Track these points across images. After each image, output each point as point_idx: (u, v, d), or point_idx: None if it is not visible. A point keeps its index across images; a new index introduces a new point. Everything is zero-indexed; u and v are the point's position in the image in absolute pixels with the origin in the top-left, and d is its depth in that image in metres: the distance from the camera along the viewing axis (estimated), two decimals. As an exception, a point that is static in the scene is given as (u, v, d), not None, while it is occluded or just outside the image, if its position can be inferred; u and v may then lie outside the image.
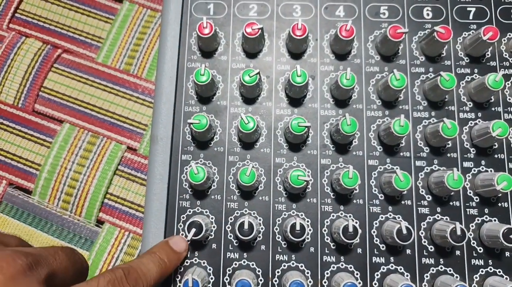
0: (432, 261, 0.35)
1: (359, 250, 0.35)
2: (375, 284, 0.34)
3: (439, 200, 0.36)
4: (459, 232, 0.32)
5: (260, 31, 0.36)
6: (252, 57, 0.39)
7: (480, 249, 0.35)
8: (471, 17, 0.39)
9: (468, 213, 0.36)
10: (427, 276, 0.34)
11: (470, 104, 0.37)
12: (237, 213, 0.36)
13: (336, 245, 0.35)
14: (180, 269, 0.35)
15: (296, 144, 0.37)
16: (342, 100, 0.37)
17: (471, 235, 0.35)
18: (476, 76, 0.38)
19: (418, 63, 0.38)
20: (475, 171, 0.36)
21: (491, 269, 0.34)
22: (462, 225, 0.34)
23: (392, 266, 0.35)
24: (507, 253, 0.35)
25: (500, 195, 0.35)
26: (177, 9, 0.40)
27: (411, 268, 0.35)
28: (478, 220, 0.35)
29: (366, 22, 0.39)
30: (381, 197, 0.36)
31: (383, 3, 0.39)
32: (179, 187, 0.36)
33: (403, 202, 0.36)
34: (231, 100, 0.38)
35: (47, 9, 0.52)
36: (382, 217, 0.35)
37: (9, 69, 0.49)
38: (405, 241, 0.32)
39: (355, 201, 0.36)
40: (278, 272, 0.35)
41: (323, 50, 0.39)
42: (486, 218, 0.35)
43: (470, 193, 0.36)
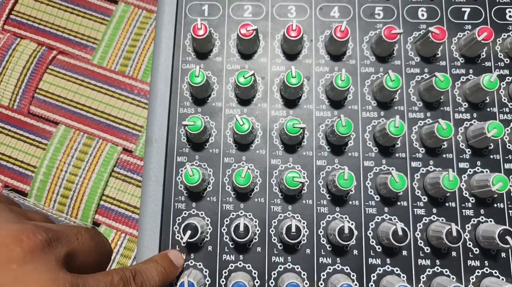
0: (428, 262, 0.35)
1: (355, 252, 0.35)
2: (372, 285, 0.34)
3: (435, 201, 0.36)
4: (455, 233, 0.32)
5: (255, 32, 0.36)
6: (247, 58, 0.39)
7: (476, 250, 0.35)
8: (466, 17, 0.39)
9: (464, 214, 0.36)
10: (423, 277, 0.34)
11: (465, 105, 0.37)
12: (232, 214, 0.36)
13: (332, 247, 0.35)
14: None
15: (292, 145, 0.37)
16: (337, 101, 0.37)
17: (467, 236, 0.35)
18: (471, 76, 0.38)
19: (413, 64, 0.38)
20: (470, 171, 0.36)
21: (487, 270, 0.34)
22: (458, 226, 0.35)
23: (389, 268, 0.35)
24: (503, 254, 0.35)
25: (496, 195, 0.35)
26: (172, 10, 0.39)
27: (407, 269, 0.35)
28: (474, 220, 0.35)
29: (361, 23, 0.39)
30: (377, 198, 0.36)
31: (378, 3, 0.39)
32: (174, 189, 0.36)
33: (399, 203, 0.36)
34: (226, 102, 0.38)
35: (42, 11, 0.51)
36: (378, 218, 0.35)
37: (4, 71, 0.49)
38: (401, 243, 0.32)
39: (351, 202, 0.36)
40: (274, 274, 0.35)
41: (318, 51, 0.39)
42: (482, 218, 0.35)
43: (466, 193, 0.36)
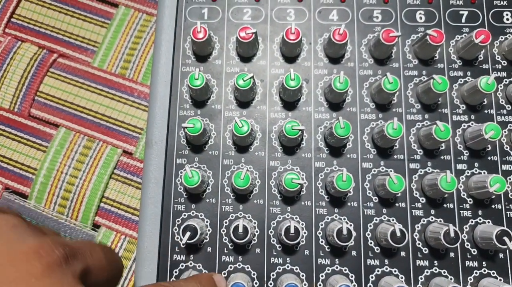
0: (427, 263, 0.35)
1: (354, 253, 0.35)
2: (370, 286, 0.34)
3: (433, 202, 0.36)
4: (452, 234, 0.32)
5: (254, 35, 0.36)
6: (246, 61, 0.39)
7: (474, 251, 0.35)
8: (463, 20, 0.39)
9: (462, 215, 0.36)
10: (421, 278, 0.35)
11: (463, 107, 0.38)
12: (232, 216, 0.36)
13: (330, 248, 0.35)
14: (176, 273, 0.35)
15: (291, 147, 0.37)
16: (336, 103, 0.38)
17: (465, 237, 0.35)
18: (468, 79, 0.38)
19: (411, 67, 0.39)
20: (468, 173, 0.36)
21: (485, 271, 0.35)
22: (456, 227, 0.35)
23: (387, 268, 0.35)
24: (501, 255, 0.35)
25: (494, 196, 0.36)
26: (172, 13, 0.40)
27: (405, 270, 0.35)
28: (472, 222, 0.35)
29: (359, 26, 0.39)
30: (375, 199, 0.36)
31: (376, 7, 0.40)
32: (174, 190, 0.36)
33: (397, 204, 0.36)
34: (226, 104, 0.38)
35: (43, 14, 0.52)
36: (377, 220, 0.36)
37: (5, 73, 0.50)
38: (399, 243, 0.32)
39: (349, 204, 0.36)
40: (273, 275, 0.35)
41: (316, 54, 0.39)
42: (480, 219, 0.35)
43: (464, 195, 0.36)
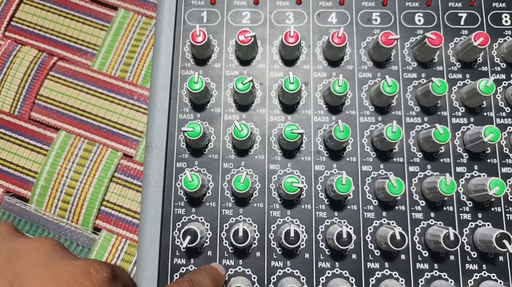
0: (427, 266, 0.35)
1: (354, 256, 0.35)
2: (370, 289, 0.34)
3: (432, 205, 0.36)
4: (452, 237, 0.32)
5: (253, 38, 0.37)
6: (245, 65, 0.39)
7: (474, 254, 0.35)
8: (462, 23, 0.39)
9: (461, 218, 0.36)
10: (421, 281, 0.35)
11: (462, 109, 0.38)
12: (232, 219, 0.36)
13: (331, 251, 0.35)
14: (176, 276, 0.35)
15: (290, 150, 0.37)
16: (335, 106, 0.38)
17: (464, 240, 0.35)
18: (468, 81, 0.38)
19: (410, 69, 0.39)
20: (468, 176, 0.36)
21: (485, 274, 0.35)
22: (456, 230, 0.35)
23: (387, 272, 0.35)
24: (501, 258, 0.35)
25: (493, 199, 0.36)
26: (171, 17, 0.40)
27: (405, 273, 0.35)
28: (472, 224, 0.35)
29: (358, 29, 0.39)
30: (375, 202, 0.36)
31: (375, 9, 0.40)
32: (174, 194, 0.36)
33: (397, 207, 0.36)
34: (225, 108, 0.38)
35: (42, 17, 0.52)
36: (376, 223, 0.36)
37: (5, 77, 0.50)
38: (399, 247, 0.32)
39: (349, 207, 0.36)
40: (274, 279, 0.35)
41: (315, 57, 0.39)
42: (480, 222, 0.35)
43: (463, 198, 0.36)
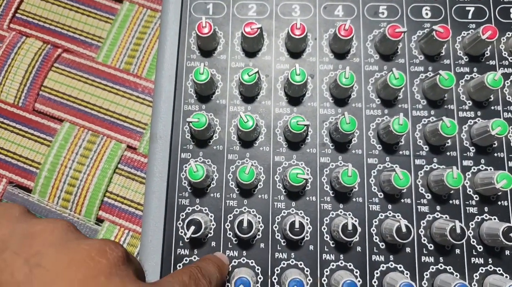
0: (432, 259, 0.35)
1: (359, 248, 0.35)
2: (375, 282, 0.34)
3: (438, 198, 0.36)
4: (458, 230, 0.32)
5: (259, 30, 0.36)
6: (251, 56, 0.39)
7: (480, 248, 0.35)
8: (470, 16, 0.39)
9: (468, 211, 0.36)
10: (426, 275, 0.34)
11: (469, 103, 0.37)
12: (236, 211, 0.36)
13: (335, 243, 0.35)
14: (180, 267, 0.35)
15: (296, 142, 0.37)
16: (341, 99, 0.38)
17: (471, 233, 0.35)
18: (475, 75, 0.38)
19: (417, 62, 0.38)
20: (474, 169, 0.36)
21: (491, 268, 0.34)
22: (462, 224, 0.35)
23: (392, 265, 0.35)
24: (507, 252, 0.35)
25: (500, 193, 0.35)
26: (177, 9, 0.40)
27: (410, 266, 0.35)
28: (478, 218, 0.35)
29: (365, 22, 0.39)
30: (381, 195, 0.36)
31: (382, 2, 0.39)
32: (178, 185, 0.36)
33: (402, 200, 0.36)
34: (230, 99, 0.38)
35: (47, 9, 0.52)
36: (382, 215, 0.35)
37: (9, 68, 0.50)
38: (404, 239, 0.32)
39: (354, 199, 0.36)
40: (278, 270, 0.35)
41: (322, 50, 0.39)
42: (486, 216, 0.35)
43: (470, 191, 0.36)
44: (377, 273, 0.34)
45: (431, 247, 0.35)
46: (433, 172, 0.36)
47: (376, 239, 0.35)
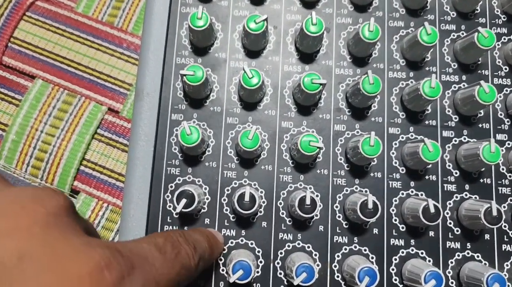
0: (458, 245, 0.30)
1: (375, 231, 0.30)
2: (393, 269, 0.30)
3: (468, 176, 0.31)
4: (495, 213, 0.28)
5: (269, -29, 0.31)
6: (257, 4, 0.33)
7: (512, 233, 0.30)
8: (512, -32, 0.34)
9: (499, 192, 0.31)
10: (451, 262, 0.30)
11: (506, 69, 0.33)
12: (235, 183, 0.31)
13: (349, 224, 0.30)
14: (166, 247, 0.30)
15: (306, 106, 0.32)
16: (361, 58, 0.32)
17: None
18: (515, 36, 0.33)
19: (449, 20, 0.33)
20: (509, 145, 0.32)
21: (525, 256, 0.30)
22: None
23: (413, 250, 0.30)
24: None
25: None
26: None
27: (434, 252, 0.30)
28: (512, 200, 0.31)
29: (391, -31, 0.34)
30: (402, 170, 0.31)
31: None
32: (167, 151, 0.31)
33: (427, 177, 0.31)
34: (232, 53, 0.32)
35: (20, -51, 0.45)
36: (403, 194, 0.31)
37: (-27, 15, 0.43)
38: (432, 222, 0.28)
39: (372, 174, 0.31)
40: (281, 253, 0.30)
41: (340, 0, 0.33)
42: (521, 198, 0.31)
43: (503, 169, 0.31)
44: (395, 259, 0.30)
45: (457, 231, 0.30)
46: (463, 146, 0.31)
47: (395, 220, 0.30)
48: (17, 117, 0.40)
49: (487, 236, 0.31)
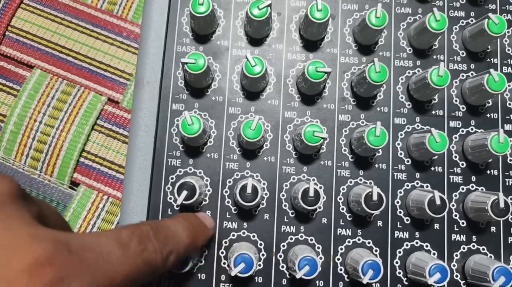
0: (464, 238, 0.30)
1: (380, 223, 0.30)
2: (397, 262, 0.29)
3: (474, 167, 0.30)
4: (502, 205, 0.27)
5: (272, -45, 0.30)
6: (260, -10, 0.32)
7: (521, 226, 0.30)
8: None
9: (506, 184, 0.30)
10: (456, 255, 0.29)
11: (516, 57, 0.32)
12: (237, 175, 0.30)
13: (353, 216, 0.30)
14: (167, 239, 0.29)
15: (311, 95, 0.31)
16: (367, 45, 0.31)
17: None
18: (525, 23, 0.32)
19: (458, 6, 0.32)
20: (518, 135, 0.31)
21: (531, 249, 0.30)
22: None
23: (417, 243, 0.30)
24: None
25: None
26: None
27: (438, 245, 0.30)
28: (520, 192, 0.30)
29: (398, -47, 0.33)
30: (408, 161, 0.30)
31: None
32: (168, 141, 0.30)
33: (432, 168, 0.30)
34: (234, 41, 0.31)
35: None
36: (408, 185, 0.30)
37: (-30, 3, 0.42)
38: (438, 214, 0.27)
39: (376, 166, 0.30)
40: (284, 246, 0.29)
41: (345, -14, 0.32)
42: (530, 190, 0.30)
43: (511, 161, 0.31)
44: (400, 252, 0.29)
45: (463, 223, 0.30)
46: (471, 136, 0.30)
47: (400, 212, 0.30)
48: (15, 108, 0.40)
49: (493, 229, 0.30)
